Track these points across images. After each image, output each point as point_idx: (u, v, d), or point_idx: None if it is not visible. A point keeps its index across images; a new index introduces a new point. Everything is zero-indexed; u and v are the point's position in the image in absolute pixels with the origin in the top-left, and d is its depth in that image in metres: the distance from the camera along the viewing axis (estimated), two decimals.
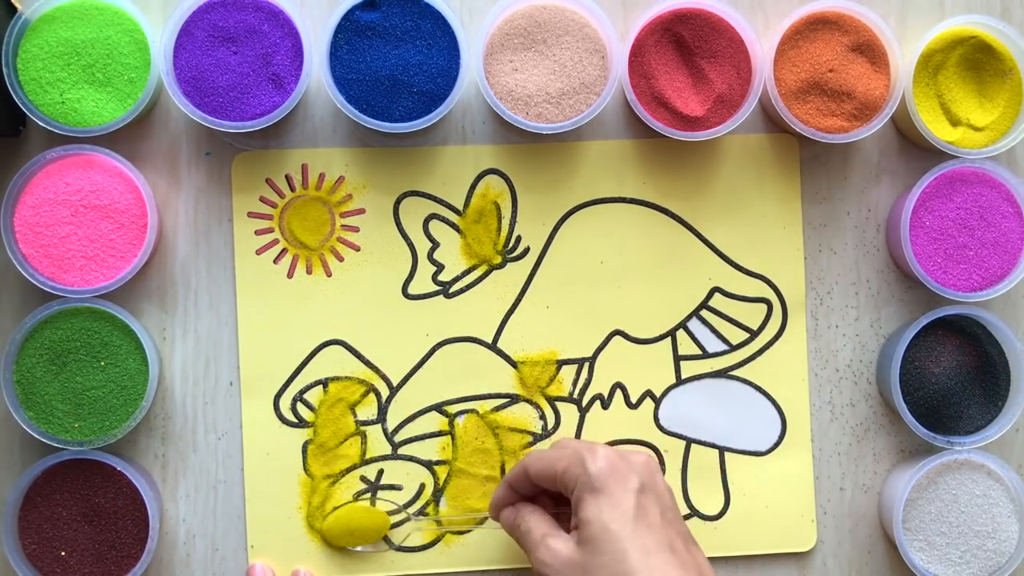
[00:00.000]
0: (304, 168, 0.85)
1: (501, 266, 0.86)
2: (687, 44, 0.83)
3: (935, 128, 0.84)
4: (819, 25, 0.83)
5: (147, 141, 0.85)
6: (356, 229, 0.85)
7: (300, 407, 0.84)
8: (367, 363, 0.85)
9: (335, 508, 0.84)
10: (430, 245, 0.85)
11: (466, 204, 0.86)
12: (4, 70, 0.80)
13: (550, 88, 0.82)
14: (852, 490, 0.87)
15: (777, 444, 0.86)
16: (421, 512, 0.85)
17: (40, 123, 0.80)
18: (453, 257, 0.85)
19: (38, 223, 0.81)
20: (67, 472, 0.81)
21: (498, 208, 0.85)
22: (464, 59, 0.82)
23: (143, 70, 0.81)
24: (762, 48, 0.83)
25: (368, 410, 0.85)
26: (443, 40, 0.82)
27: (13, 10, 0.81)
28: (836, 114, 0.83)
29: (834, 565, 0.87)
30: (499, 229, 0.85)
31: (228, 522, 0.84)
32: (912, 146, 0.88)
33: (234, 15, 0.81)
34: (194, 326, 0.85)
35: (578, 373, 0.86)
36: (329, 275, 0.85)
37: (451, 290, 0.85)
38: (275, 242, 0.85)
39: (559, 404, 0.86)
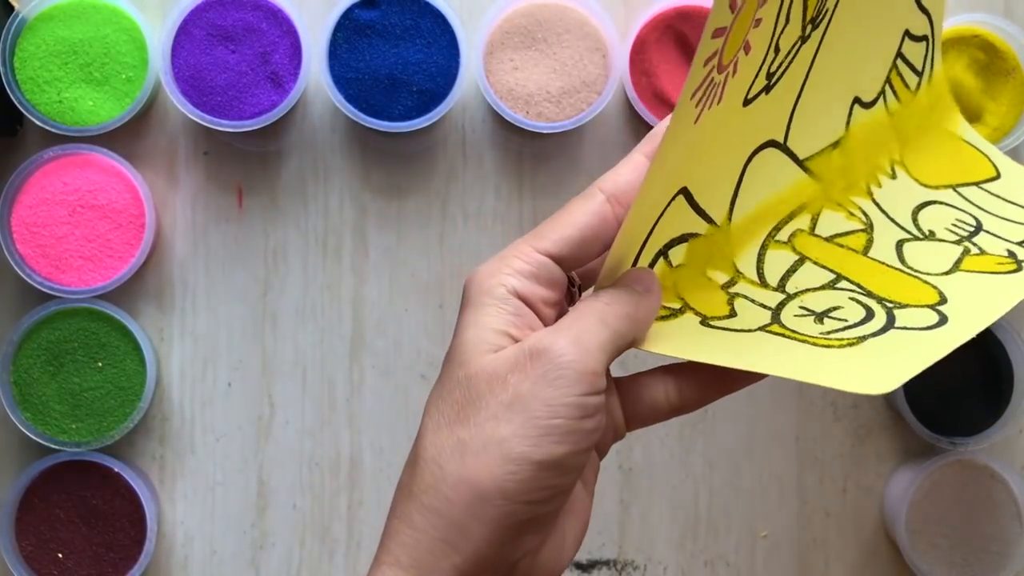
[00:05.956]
0: None
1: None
2: (689, 42, 0.83)
3: None
4: None
5: (145, 140, 0.85)
6: None
7: None
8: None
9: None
10: None
11: None
12: (1, 69, 0.80)
13: (551, 87, 0.82)
14: (854, 491, 0.86)
15: None
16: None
17: (37, 122, 0.80)
18: None
19: (35, 223, 0.80)
20: (64, 473, 0.81)
21: None
22: (464, 58, 0.81)
23: (141, 69, 0.81)
24: None
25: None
26: (443, 39, 0.81)
27: (10, 9, 0.81)
28: None
29: (836, 567, 0.86)
30: None
31: (226, 524, 0.84)
32: None
33: (232, 14, 0.81)
34: (192, 327, 0.85)
35: None
36: None
37: None
38: None
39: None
